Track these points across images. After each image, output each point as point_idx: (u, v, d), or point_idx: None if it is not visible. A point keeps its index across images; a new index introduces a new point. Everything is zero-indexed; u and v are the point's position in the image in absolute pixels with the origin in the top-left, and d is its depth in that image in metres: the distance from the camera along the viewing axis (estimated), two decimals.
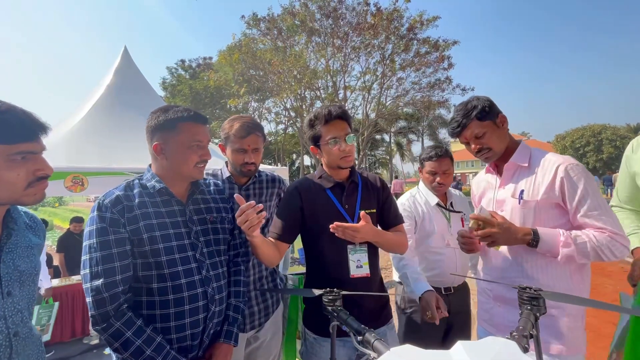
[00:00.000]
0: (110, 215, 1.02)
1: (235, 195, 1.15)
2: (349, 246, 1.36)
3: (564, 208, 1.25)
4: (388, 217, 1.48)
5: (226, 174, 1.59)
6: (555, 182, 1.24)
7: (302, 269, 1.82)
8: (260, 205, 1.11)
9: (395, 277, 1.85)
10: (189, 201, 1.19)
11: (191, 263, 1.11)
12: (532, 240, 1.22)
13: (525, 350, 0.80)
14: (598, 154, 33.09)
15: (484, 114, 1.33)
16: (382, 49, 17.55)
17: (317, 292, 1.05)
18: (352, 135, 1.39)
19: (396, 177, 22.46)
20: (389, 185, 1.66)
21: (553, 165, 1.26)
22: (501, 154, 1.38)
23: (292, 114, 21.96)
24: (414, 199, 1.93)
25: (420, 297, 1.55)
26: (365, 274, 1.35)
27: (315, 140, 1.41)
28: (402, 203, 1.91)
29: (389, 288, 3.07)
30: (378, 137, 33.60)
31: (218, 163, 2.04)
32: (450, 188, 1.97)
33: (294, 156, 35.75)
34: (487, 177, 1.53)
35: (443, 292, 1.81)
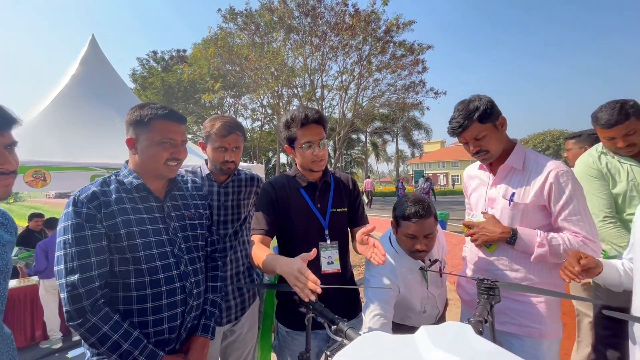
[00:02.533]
0: (86, 210, 1.02)
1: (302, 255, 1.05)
2: (321, 243, 1.43)
3: (549, 210, 1.34)
4: (356, 216, 1.56)
5: (206, 171, 1.60)
6: (544, 186, 1.31)
7: None
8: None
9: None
10: (167, 197, 1.20)
11: (169, 258, 1.12)
12: (510, 238, 1.33)
13: (480, 333, 0.90)
14: (557, 157, 35.64)
15: (485, 116, 1.33)
16: (360, 50, 17.79)
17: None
18: (325, 140, 1.44)
19: (368, 177, 22.89)
20: (360, 184, 1.72)
21: (545, 170, 1.32)
22: (498, 155, 1.41)
23: (269, 111, 21.75)
24: (397, 268, 1.43)
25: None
26: (336, 269, 1.42)
27: (291, 141, 1.46)
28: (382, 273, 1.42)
29: (360, 284, 3.18)
30: (354, 136, 34.05)
31: (197, 161, 2.03)
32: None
33: (270, 154, 35.45)
34: (479, 174, 1.57)
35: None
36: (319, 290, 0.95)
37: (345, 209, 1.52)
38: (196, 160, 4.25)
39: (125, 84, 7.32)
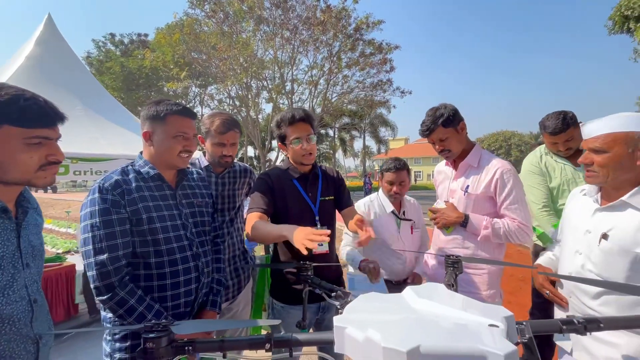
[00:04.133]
0: (111, 197, 1.12)
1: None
2: (312, 228, 1.62)
3: (495, 200, 1.67)
4: (342, 200, 1.76)
5: (204, 163, 1.72)
6: (492, 181, 1.64)
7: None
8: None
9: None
10: (178, 187, 1.32)
11: (184, 240, 1.25)
12: (463, 222, 1.66)
13: None
14: (507, 156, 38.85)
15: (448, 121, 1.65)
16: (330, 46, 17.99)
17: (293, 265, 1.28)
18: (314, 135, 1.63)
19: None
20: (370, 197, 2.03)
21: (494, 168, 1.66)
22: (459, 154, 1.74)
23: (237, 102, 21.33)
24: (371, 204, 2.14)
25: (359, 267, 1.84)
26: (325, 250, 1.63)
27: (282, 139, 1.63)
28: (358, 206, 2.09)
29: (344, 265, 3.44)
30: (323, 131, 34.36)
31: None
32: (408, 197, 2.22)
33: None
34: (445, 169, 1.92)
35: (393, 284, 2.13)
36: (327, 239, 1.15)
37: (332, 197, 1.72)
38: None
39: (86, 68, 6.92)
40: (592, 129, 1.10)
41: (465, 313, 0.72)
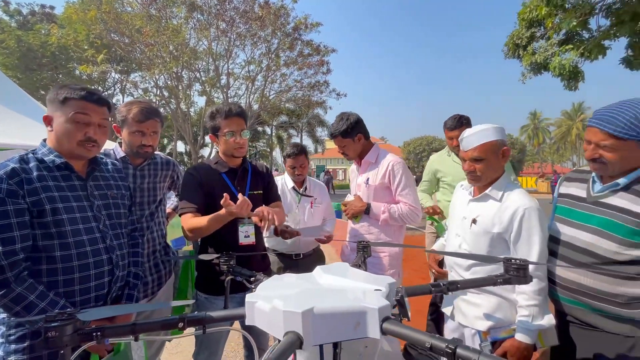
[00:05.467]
0: (6, 186, 1.02)
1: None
2: (240, 220, 1.66)
3: (391, 189, 1.96)
4: (270, 195, 1.84)
5: (120, 154, 1.62)
6: (386, 173, 1.94)
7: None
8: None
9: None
10: (89, 177, 1.25)
11: (95, 233, 1.19)
12: (366, 210, 1.96)
13: None
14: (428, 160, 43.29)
15: (346, 133, 1.96)
16: (268, 42, 17.80)
17: (215, 255, 1.32)
18: (247, 131, 1.69)
19: (276, 170, 23.30)
20: (277, 178, 2.11)
21: (387, 162, 1.96)
22: (356, 157, 2.05)
23: (165, 93, 19.73)
24: (281, 181, 2.42)
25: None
26: (251, 242, 1.68)
27: (215, 130, 1.64)
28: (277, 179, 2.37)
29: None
30: (260, 129, 33.77)
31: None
32: (316, 180, 2.55)
33: (165, 141, 32.09)
34: (354, 168, 2.21)
35: (294, 258, 2.30)
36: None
37: (261, 192, 1.78)
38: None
39: None
40: (468, 142, 1.34)
41: (359, 283, 0.86)
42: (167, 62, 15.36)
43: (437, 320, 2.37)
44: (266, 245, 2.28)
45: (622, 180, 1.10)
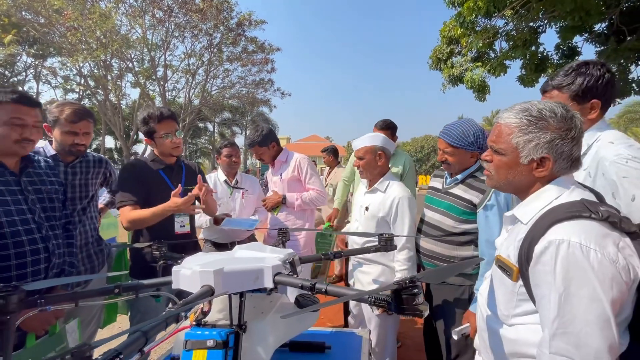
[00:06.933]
0: None
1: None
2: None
3: (301, 181, 2.34)
4: None
5: (51, 152, 1.67)
6: (295, 167, 2.37)
7: None
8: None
9: None
10: (23, 174, 1.33)
11: (31, 224, 1.28)
12: (282, 200, 2.33)
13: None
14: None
15: (262, 143, 2.36)
16: (210, 36, 17.23)
17: (148, 243, 1.48)
18: (180, 130, 1.86)
19: (215, 168, 22.58)
20: (209, 174, 2.31)
21: (295, 159, 2.39)
22: (271, 160, 2.46)
23: (92, 83, 17.91)
24: (212, 178, 2.63)
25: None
26: (186, 231, 1.86)
27: (150, 134, 1.79)
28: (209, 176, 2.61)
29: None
30: (201, 125, 32.33)
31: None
32: (244, 174, 2.77)
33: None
34: (270, 171, 2.59)
35: (229, 247, 2.46)
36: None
37: (199, 191, 1.96)
38: None
39: None
40: (357, 144, 1.78)
41: (265, 254, 1.12)
42: (93, 49, 14.01)
43: None
44: (202, 236, 2.46)
45: (459, 177, 1.54)
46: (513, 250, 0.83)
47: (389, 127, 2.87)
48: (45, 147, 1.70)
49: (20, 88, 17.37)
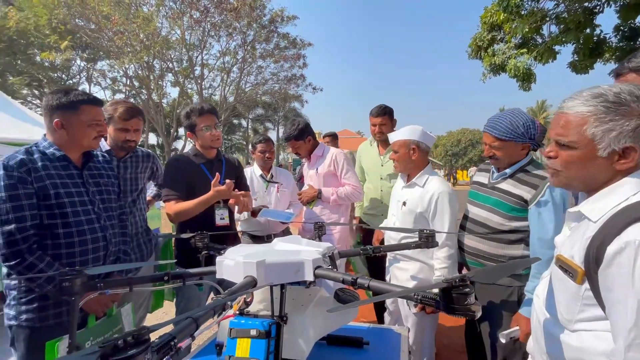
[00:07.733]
0: (17, 174, 1.22)
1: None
2: (216, 204, 1.91)
3: (337, 176, 2.33)
4: (241, 184, 2.10)
5: (106, 147, 1.81)
6: (331, 162, 2.37)
7: None
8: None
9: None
10: (85, 168, 1.45)
11: (91, 214, 1.40)
12: (318, 195, 2.35)
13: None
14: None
15: (298, 137, 2.39)
16: (244, 34, 17.61)
17: (191, 234, 1.54)
18: (219, 124, 1.95)
19: (248, 163, 23.20)
20: (245, 169, 2.38)
21: (331, 154, 2.39)
22: (308, 154, 2.48)
23: (136, 83, 19.09)
24: (250, 171, 2.64)
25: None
26: (226, 223, 1.93)
27: (191, 128, 1.88)
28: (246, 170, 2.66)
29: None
30: (236, 121, 33.32)
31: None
32: (281, 168, 2.82)
33: None
34: (306, 166, 2.59)
35: (265, 239, 2.55)
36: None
37: (234, 180, 2.02)
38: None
39: None
40: (392, 137, 1.72)
41: (304, 246, 1.13)
42: (137, 51, 14.89)
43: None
44: (240, 228, 2.54)
45: (508, 171, 1.43)
46: (578, 251, 0.76)
47: (385, 113, 2.62)
48: (100, 142, 1.83)
49: None
